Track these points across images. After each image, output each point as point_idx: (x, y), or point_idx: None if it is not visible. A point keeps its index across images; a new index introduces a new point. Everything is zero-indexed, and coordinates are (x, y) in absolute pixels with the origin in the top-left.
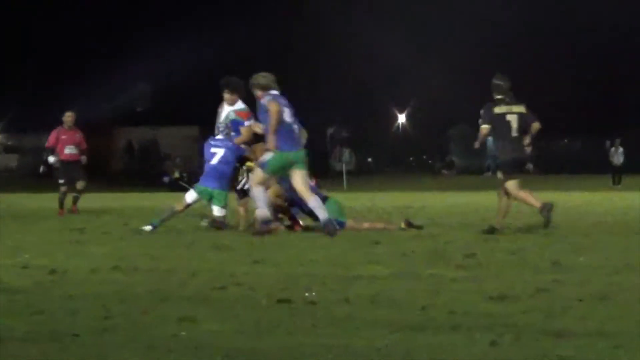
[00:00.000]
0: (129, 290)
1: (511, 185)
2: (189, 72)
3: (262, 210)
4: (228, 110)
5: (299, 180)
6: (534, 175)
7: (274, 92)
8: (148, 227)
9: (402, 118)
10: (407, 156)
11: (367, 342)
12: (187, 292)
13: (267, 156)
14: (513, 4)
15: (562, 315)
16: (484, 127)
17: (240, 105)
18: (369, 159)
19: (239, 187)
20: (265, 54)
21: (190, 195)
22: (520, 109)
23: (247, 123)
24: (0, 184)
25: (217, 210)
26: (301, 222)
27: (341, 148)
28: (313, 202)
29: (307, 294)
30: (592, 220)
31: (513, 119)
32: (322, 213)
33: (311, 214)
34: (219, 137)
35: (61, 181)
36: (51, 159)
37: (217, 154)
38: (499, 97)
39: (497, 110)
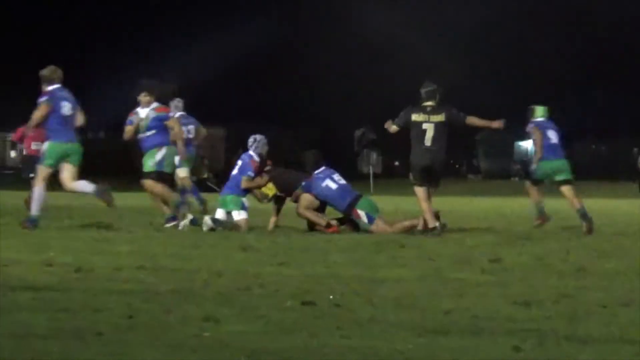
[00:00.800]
0: (153, 289)
1: (419, 191)
2: (215, 72)
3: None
4: (146, 111)
5: (67, 174)
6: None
7: (56, 85)
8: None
9: None
10: None
11: (391, 344)
12: (211, 292)
13: (43, 148)
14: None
15: (586, 321)
16: (393, 128)
17: (155, 104)
18: (396, 162)
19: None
20: (290, 53)
21: (219, 214)
22: (440, 118)
23: (170, 114)
24: (23, 180)
25: (236, 215)
26: (335, 224)
27: (368, 151)
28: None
29: (331, 297)
30: (617, 227)
31: (429, 128)
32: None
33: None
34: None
35: (31, 175)
36: (12, 154)
37: (238, 164)
38: (423, 104)
39: (415, 117)
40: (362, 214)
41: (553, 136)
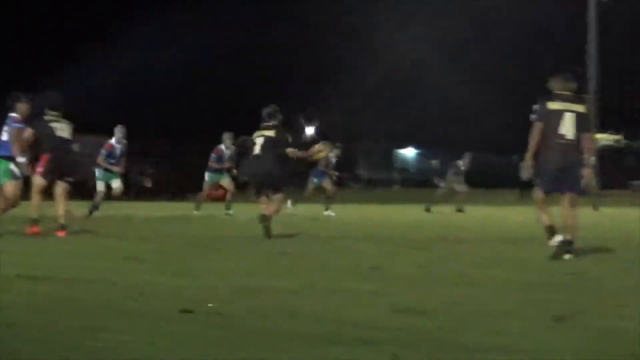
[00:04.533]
0: (37, 299)
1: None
2: (105, 81)
3: None
4: None
5: None
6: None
7: None
8: None
9: (309, 130)
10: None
11: (276, 355)
12: (99, 302)
13: None
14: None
15: (470, 329)
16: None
17: None
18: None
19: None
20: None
21: None
22: (271, 133)
23: None
24: None
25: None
26: None
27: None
28: None
29: (210, 305)
30: (499, 234)
31: (259, 141)
32: None
33: None
34: None
35: None
36: None
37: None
38: (263, 124)
39: (254, 135)
40: None
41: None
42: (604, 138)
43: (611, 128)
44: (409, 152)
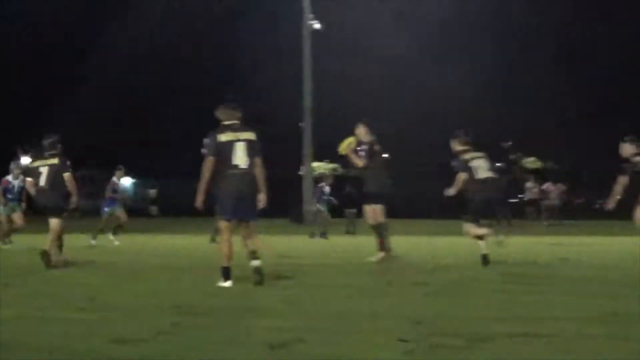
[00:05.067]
0: None
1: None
2: None
3: None
4: None
5: None
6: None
7: None
8: None
9: (25, 160)
10: None
11: None
12: None
13: None
14: None
15: (189, 357)
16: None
17: None
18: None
19: None
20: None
21: None
22: (53, 161)
23: None
24: None
25: None
26: None
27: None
28: None
29: None
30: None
31: (44, 171)
32: None
33: None
34: None
35: None
36: None
37: None
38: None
39: (38, 164)
40: None
41: None
42: (321, 167)
43: (326, 157)
44: (125, 182)
